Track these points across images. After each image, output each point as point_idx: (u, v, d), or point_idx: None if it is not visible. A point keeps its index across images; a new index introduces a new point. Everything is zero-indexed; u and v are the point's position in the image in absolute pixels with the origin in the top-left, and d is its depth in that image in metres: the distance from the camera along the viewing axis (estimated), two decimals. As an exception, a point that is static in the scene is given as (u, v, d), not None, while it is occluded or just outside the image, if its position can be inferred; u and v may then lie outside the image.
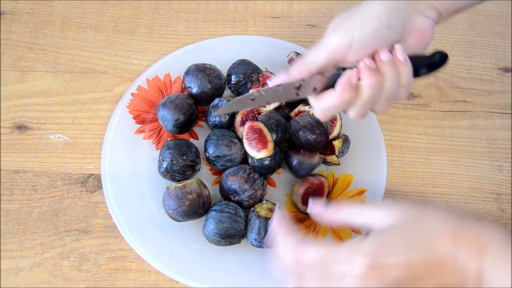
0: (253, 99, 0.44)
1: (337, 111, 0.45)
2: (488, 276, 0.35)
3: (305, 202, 0.54)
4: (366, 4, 0.44)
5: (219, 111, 0.50)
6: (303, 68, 0.44)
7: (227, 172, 0.54)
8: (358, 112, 0.45)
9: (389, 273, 0.35)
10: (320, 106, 0.45)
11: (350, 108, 0.45)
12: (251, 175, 0.53)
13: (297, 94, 0.45)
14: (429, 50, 0.47)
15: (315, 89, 0.45)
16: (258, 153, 0.52)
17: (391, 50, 0.44)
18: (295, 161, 0.54)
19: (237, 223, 0.51)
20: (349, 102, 0.44)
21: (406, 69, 0.44)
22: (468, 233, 0.36)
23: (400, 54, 0.44)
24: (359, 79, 0.43)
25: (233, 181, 0.52)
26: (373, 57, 0.44)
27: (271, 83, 0.45)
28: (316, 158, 0.54)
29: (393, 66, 0.43)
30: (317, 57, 0.44)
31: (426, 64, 0.47)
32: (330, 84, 0.45)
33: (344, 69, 0.44)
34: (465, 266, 0.35)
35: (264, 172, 0.54)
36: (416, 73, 0.46)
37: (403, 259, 0.36)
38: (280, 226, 0.41)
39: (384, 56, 0.43)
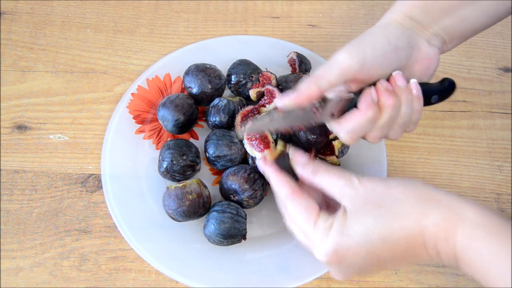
0: (271, 120, 0.44)
1: (362, 132, 0.44)
2: (463, 254, 0.35)
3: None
4: (373, 28, 0.45)
5: (247, 130, 0.45)
6: (313, 86, 0.42)
7: (227, 172, 0.54)
8: (376, 134, 0.45)
9: (351, 263, 0.38)
10: (346, 128, 0.44)
11: (370, 130, 0.45)
12: (252, 175, 0.53)
13: (314, 119, 0.44)
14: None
15: (332, 114, 0.44)
16: (261, 153, 0.52)
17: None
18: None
19: (239, 223, 0.51)
20: (373, 120, 0.43)
21: (418, 104, 0.45)
22: (437, 211, 0.36)
23: (415, 88, 0.44)
24: (378, 99, 0.44)
25: (233, 181, 0.52)
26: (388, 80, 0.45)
27: (279, 101, 0.43)
28: None
29: (408, 93, 0.44)
30: (328, 74, 0.43)
31: (437, 91, 0.47)
32: (346, 109, 0.44)
33: (358, 94, 0.44)
34: (435, 246, 0.36)
35: None
36: (428, 100, 0.47)
37: (364, 249, 0.37)
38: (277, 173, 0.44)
39: (400, 82, 0.44)
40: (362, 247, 0.37)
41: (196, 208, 0.51)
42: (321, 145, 0.56)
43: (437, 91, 0.48)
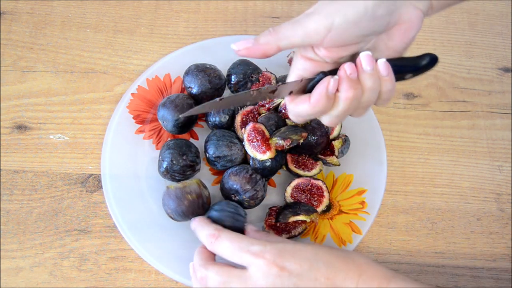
0: (221, 99, 0.43)
1: (311, 118, 0.44)
2: None
3: (293, 196, 0.55)
4: None
5: (184, 114, 0.45)
6: (273, 43, 0.40)
7: (229, 171, 0.54)
8: (332, 121, 0.43)
9: (290, 274, 0.42)
10: (294, 111, 0.43)
11: (324, 116, 0.43)
12: (253, 175, 0.53)
13: (271, 98, 0.43)
14: (424, 52, 0.45)
15: (291, 92, 0.43)
16: (262, 155, 0.52)
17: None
18: None
19: (239, 221, 0.50)
20: (323, 111, 0.41)
21: (390, 85, 0.41)
22: (371, 270, 0.43)
23: (385, 70, 0.41)
24: (337, 89, 0.40)
25: (234, 181, 0.52)
26: (355, 61, 0.41)
27: (235, 45, 0.42)
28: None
29: (375, 79, 0.41)
30: (292, 34, 0.40)
31: (414, 67, 0.43)
32: (308, 88, 0.42)
33: (325, 74, 0.41)
34: None
35: (266, 173, 0.54)
36: (402, 77, 0.43)
37: (307, 266, 0.42)
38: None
39: (366, 65, 0.40)
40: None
41: (195, 209, 0.51)
42: (321, 146, 0.56)
43: (414, 68, 0.43)
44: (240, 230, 0.51)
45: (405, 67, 0.43)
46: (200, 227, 0.48)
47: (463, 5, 0.73)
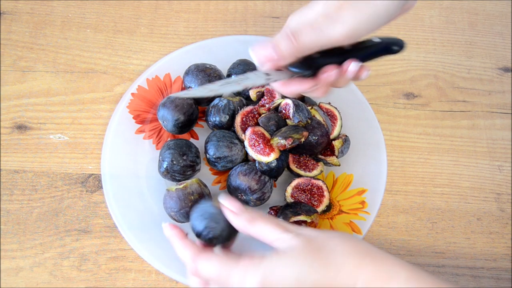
0: (210, 91, 0.43)
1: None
2: None
3: (293, 196, 0.55)
4: None
5: (177, 95, 0.45)
6: (295, 52, 0.41)
7: (237, 170, 0.54)
8: (298, 97, 0.48)
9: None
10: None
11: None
12: (262, 177, 0.53)
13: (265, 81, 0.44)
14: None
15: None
16: (267, 157, 0.52)
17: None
18: None
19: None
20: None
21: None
22: (372, 265, 0.38)
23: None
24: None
25: (243, 181, 0.52)
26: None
27: (257, 58, 0.42)
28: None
29: (349, 79, 0.43)
30: (314, 43, 0.40)
31: (384, 53, 0.45)
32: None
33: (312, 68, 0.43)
34: None
35: (273, 174, 0.54)
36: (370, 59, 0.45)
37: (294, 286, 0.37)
38: (176, 233, 0.43)
39: (351, 74, 0.43)
40: None
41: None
42: (322, 146, 0.56)
43: (384, 53, 0.45)
44: None
45: (377, 53, 0.45)
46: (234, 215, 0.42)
47: (463, 5, 0.73)
